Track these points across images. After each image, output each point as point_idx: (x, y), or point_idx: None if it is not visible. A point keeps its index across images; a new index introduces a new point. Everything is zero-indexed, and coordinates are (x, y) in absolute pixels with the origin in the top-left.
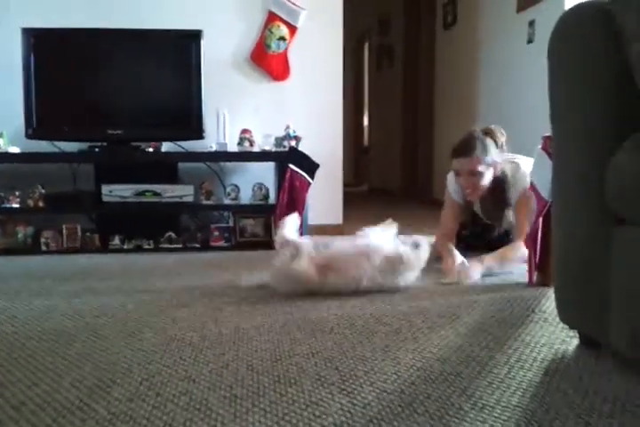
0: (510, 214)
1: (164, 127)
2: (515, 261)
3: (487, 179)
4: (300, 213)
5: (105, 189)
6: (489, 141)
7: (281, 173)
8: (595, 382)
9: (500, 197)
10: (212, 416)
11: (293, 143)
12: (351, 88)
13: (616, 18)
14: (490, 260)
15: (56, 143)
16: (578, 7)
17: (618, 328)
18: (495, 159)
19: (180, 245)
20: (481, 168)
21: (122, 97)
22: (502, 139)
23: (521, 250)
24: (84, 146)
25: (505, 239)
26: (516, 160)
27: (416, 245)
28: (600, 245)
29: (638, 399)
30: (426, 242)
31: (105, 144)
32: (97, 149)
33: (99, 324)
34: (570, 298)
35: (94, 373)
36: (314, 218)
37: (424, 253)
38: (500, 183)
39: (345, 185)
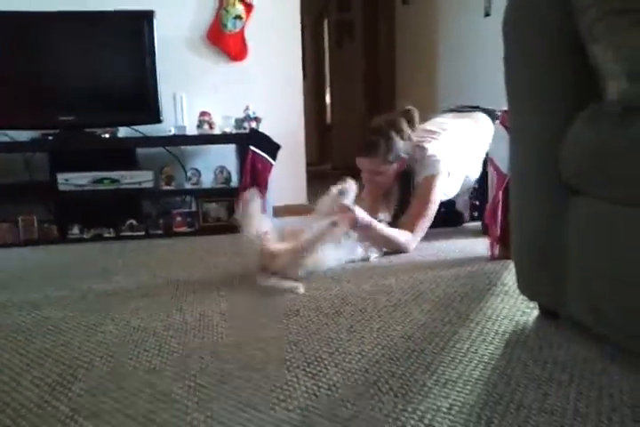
0: None
1: (119, 112)
2: (390, 243)
3: (391, 175)
4: (264, 195)
5: (60, 177)
6: (394, 137)
7: (242, 155)
8: (554, 352)
9: (409, 184)
10: (176, 407)
11: (254, 125)
12: (312, 66)
13: None
14: (378, 225)
15: (7, 132)
16: None
17: (575, 300)
18: (400, 154)
19: (142, 233)
20: (384, 168)
21: (73, 82)
22: (408, 129)
23: (407, 239)
24: (36, 134)
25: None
26: (424, 144)
27: (342, 193)
28: (555, 217)
29: (595, 367)
30: (354, 188)
31: (58, 131)
32: (50, 137)
33: (58, 318)
34: (528, 271)
35: (55, 369)
36: (278, 199)
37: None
38: (406, 173)
39: (309, 164)
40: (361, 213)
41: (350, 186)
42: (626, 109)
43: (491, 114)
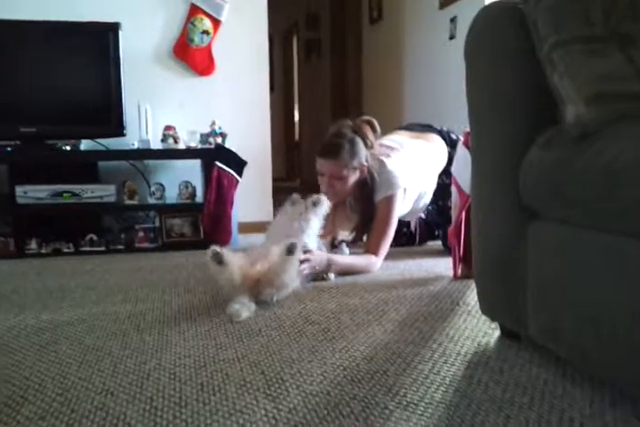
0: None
1: (81, 124)
2: (356, 270)
3: (351, 182)
4: (229, 212)
5: (19, 190)
6: (358, 142)
7: (207, 170)
8: (515, 374)
9: (369, 196)
10: None
11: (220, 140)
12: (281, 83)
13: (527, 17)
14: (339, 259)
15: None
16: (491, 7)
17: (534, 321)
18: (362, 162)
19: (102, 248)
20: (346, 172)
21: (36, 92)
22: (372, 137)
23: (370, 262)
24: None
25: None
26: (382, 158)
27: (314, 203)
28: (515, 239)
29: (556, 390)
30: (325, 200)
31: (18, 143)
32: (9, 148)
33: (10, 336)
34: (489, 292)
35: (4, 390)
36: (244, 215)
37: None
38: (366, 183)
39: (276, 180)
40: (319, 257)
41: (318, 197)
42: (583, 133)
43: (443, 135)
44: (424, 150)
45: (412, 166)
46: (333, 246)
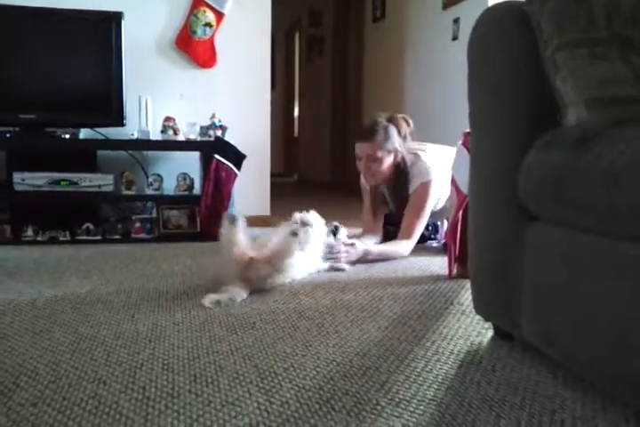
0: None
1: (81, 113)
2: (389, 256)
3: (386, 165)
4: (226, 205)
5: (17, 176)
6: (392, 129)
7: (206, 163)
8: (507, 373)
9: (403, 185)
10: (122, 420)
11: (219, 133)
12: (282, 78)
13: (531, 18)
14: (374, 249)
15: None
16: (495, 8)
17: (528, 322)
18: (396, 146)
19: (98, 237)
20: (380, 154)
21: (36, 80)
22: (406, 128)
23: (401, 247)
24: None
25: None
26: (418, 151)
27: (304, 224)
28: (512, 241)
29: (547, 391)
30: (317, 221)
31: (17, 129)
32: (8, 135)
33: (4, 322)
34: (484, 292)
35: None
36: (241, 209)
37: (308, 234)
38: (401, 171)
39: (275, 175)
40: (360, 247)
41: (308, 218)
42: (583, 136)
43: None
44: (445, 152)
45: (440, 164)
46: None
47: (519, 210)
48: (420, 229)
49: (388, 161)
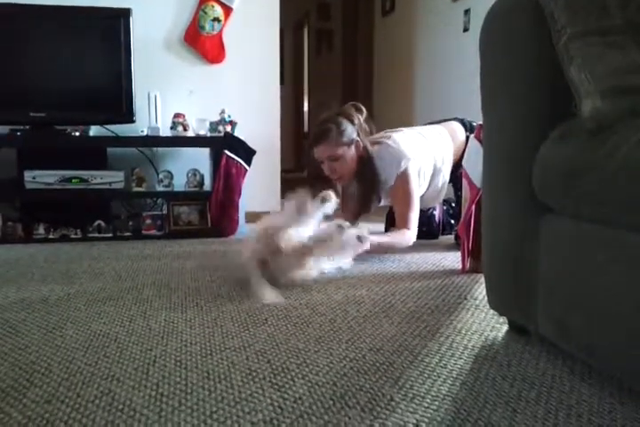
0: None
1: (91, 110)
2: (394, 247)
3: (350, 159)
4: (237, 201)
5: (28, 175)
6: (342, 121)
7: (216, 159)
8: (522, 368)
9: (373, 175)
10: (136, 417)
11: (229, 128)
12: (291, 73)
13: (545, 8)
14: (378, 241)
15: None
16: None
17: (543, 316)
18: (353, 137)
19: (109, 234)
20: (340, 150)
21: (46, 78)
22: (358, 116)
23: (405, 237)
24: (4, 129)
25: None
26: (382, 139)
27: (323, 199)
28: (526, 233)
29: (564, 386)
30: (333, 197)
31: (28, 127)
32: (19, 133)
33: (18, 319)
34: (498, 286)
35: (10, 373)
36: (251, 204)
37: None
38: (366, 162)
39: (285, 171)
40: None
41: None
42: (599, 127)
43: (464, 122)
44: (430, 127)
45: (417, 139)
46: None
47: (533, 202)
48: (414, 216)
49: (350, 155)
